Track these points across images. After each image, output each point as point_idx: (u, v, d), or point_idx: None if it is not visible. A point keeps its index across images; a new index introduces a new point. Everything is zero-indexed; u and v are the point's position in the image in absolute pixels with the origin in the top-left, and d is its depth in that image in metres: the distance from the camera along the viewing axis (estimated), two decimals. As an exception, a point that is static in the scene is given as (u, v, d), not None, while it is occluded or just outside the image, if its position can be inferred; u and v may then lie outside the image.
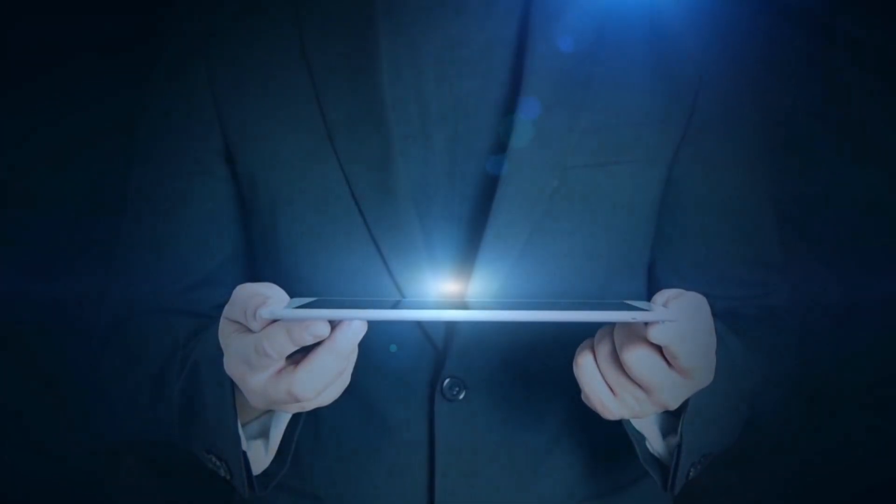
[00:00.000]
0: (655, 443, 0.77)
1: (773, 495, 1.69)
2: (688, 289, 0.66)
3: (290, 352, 0.61)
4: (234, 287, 0.65)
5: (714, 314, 0.66)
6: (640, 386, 0.65)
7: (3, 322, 1.43)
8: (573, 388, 0.68)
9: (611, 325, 0.66)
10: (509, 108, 0.80)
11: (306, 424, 0.77)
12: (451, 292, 0.79)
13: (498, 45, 0.81)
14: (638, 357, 0.63)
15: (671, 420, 0.77)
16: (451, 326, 0.80)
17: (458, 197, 0.81)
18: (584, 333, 0.68)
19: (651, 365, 0.63)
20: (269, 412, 0.75)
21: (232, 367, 0.64)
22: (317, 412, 0.69)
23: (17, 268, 1.46)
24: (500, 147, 0.80)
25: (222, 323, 0.65)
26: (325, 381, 0.63)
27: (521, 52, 0.81)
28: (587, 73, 0.81)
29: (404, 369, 0.82)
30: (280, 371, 0.63)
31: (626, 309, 0.60)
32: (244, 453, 0.72)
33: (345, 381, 0.66)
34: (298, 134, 0.81)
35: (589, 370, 0.66)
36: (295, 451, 0.75)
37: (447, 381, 0.81)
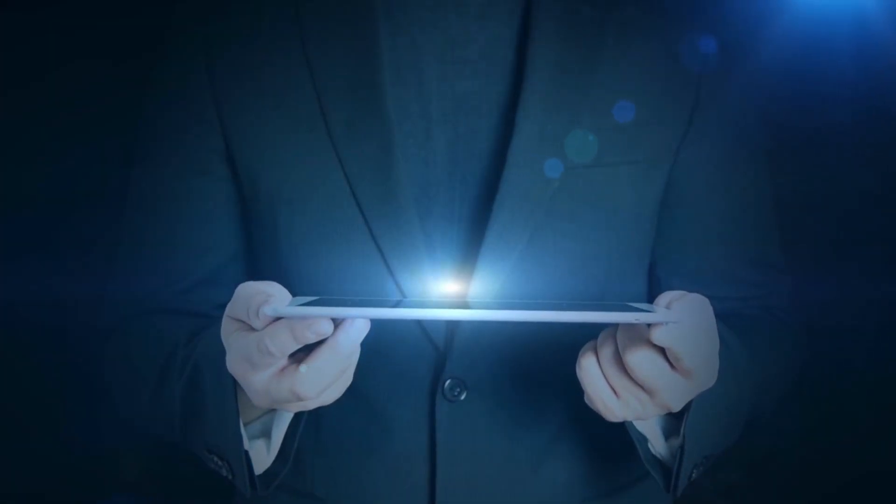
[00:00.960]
0: (657, 444, 0.77)
1: (773, 495, 1.69)
2: (689, 289, 0.66)
3: (293, 350, 0.61)
4: (234, 287, 0.65)
5: (716, 315, 0.66)
6: (642, 388, 0.65)
7: (3, 322, 1.43)
8: (574, 389, 0.68)
9: (614, 327, 0.66)
10: (510, 108, 0.80)
11: (307, 424, 0.77)
12: (452, 292, 0.79)
13: (499, 44, 0.81)
14: (641, 359, 0.63)
15: (673, 421, 0.77)
16: (452, 327, 0.80)
17: (459, 197, 0.81)
18: (585, 335, 0.68)
19: (654, 367, 0.63)
20: (271, 412, 0.75)
21: (234, 365, 0.64)
22: (318, 412, 0.69)
23: (17, 268, 1.46)
24: (502, 147, 0.80)
25: (225, 321, 0.65)
26: (327, 380, 0.63)
27: (522, 52, 0.81)
28: (588, 74, 0.81)
29: (405, 370, 0.82)
30: (282, 369, 0.63)
31: (628, 310, 0.60)
32: (246, 453, 0.72)
33: (347, 380, 0.66)
34: (299, 134, 0.81)
35: (592, 372, 0.66)
36: (296, 451, 0.75)
37: (448, 381, 0.81)
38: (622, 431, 0.75)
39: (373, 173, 0.79)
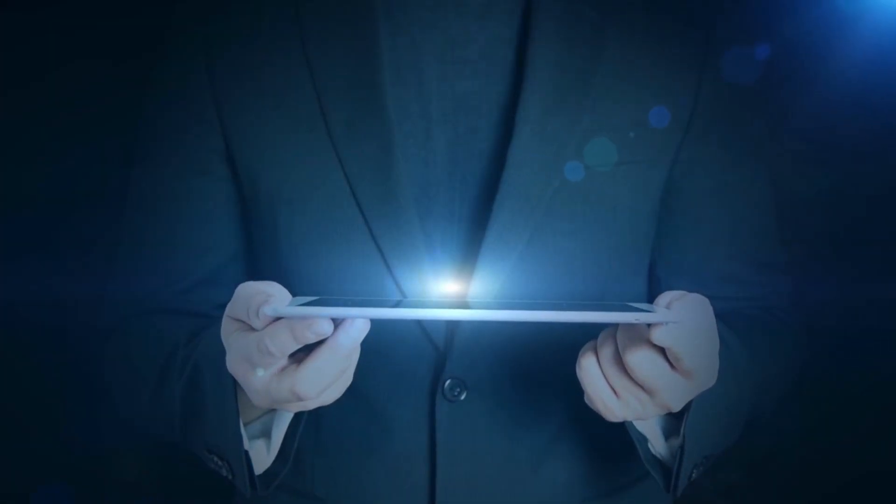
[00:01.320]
0: (657, 444, 0.77)
1: (773, 495, 1.69)
2: (689, 289, 0.66)
3: (293, 350, 0.61)
4: (234, 287, 0.65)
5: (716, 315, 0.66)
6: (642, 388, 0.65)
7: (3, 322, 1.43)
8: (574, 389, 0.69)
9: (614, 328, 0.66)
10: (510, 108, 0.80)
11: (307, 425, 0.77)
12: (452, 292, 0.79)
13: (499, 44, 0.81)
14: (641, 359, 0.63)
15: (673, 421, 0.77)
16: (452, 327, 0.80)
17: (458, 197, 0.81)
18: (585, 335, 0.68)
19: (654, 367, 0.64)
20: (271, 412, 0.75)
21: (234, 365, 0.65)
22: (318, 412, 0.69)
23: (17, 268, 1.46)
24: (502, 147, 0.80)
25: (225, 321, 0.65)
26: (327, 380, 0.63)
27: (523, 52, 0.81)
28: (588, 74, 0.81)
29: (405, 370, 0.82)
30: (282, 369, 0.63)
31: (628, 310, 0.60)
32: (246, 453, 0.72)
33: (346, 380, 0.66)
34: (299, 134, 0.81)
35: (592, 372, 0.66)
36: (296, 451, 0.75)
37: (448, 381, 0.81)
38: (622, 431, 0.75)
39: (373, 173, 0.79)
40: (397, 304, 0.62)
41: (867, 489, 1.57)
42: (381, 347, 0.78)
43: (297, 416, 0.74)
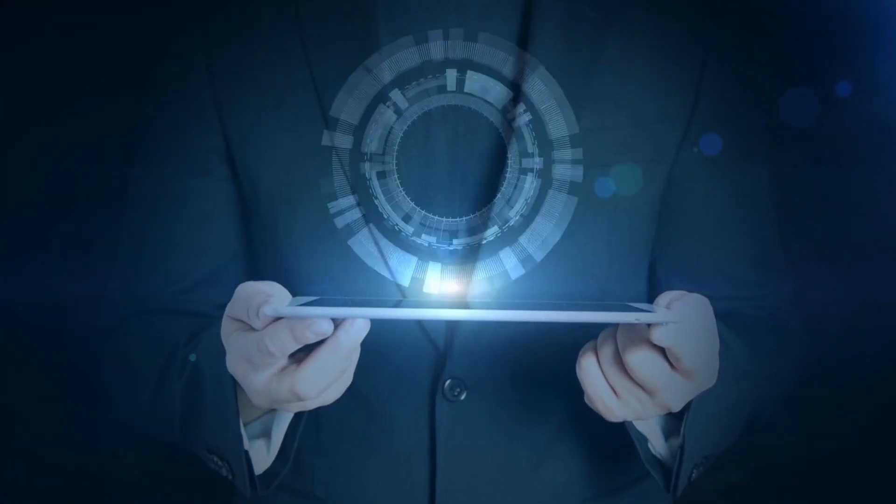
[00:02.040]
0: (657, 444, 0.77)
1: (773, 495, 1.69)
2: (689, 289, 0.66)
3: (293, 350, 0.61)
4: (234, 287, 0.65)
5: (716, 315, 0.66)
6: (642, 388, 0.65)
7: (3, 322, 1.43)
8: (574, 389, 0.69)
9: (614, 328, 0.66)
10: (511, 109, 0.80)
11: (307, 424, 0.77)
12: (452, 292, 0.79)
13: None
14: (641, 359, 0.63)
15: (673, 422, 0.77)
16: (452, 327, 0.80)
17: (459, 197, 0.81)
18: (585, 335, 0.68)
19: (654, 367, 0.64)
20: (271, 412, 0.75)
21: (234, 365, 0.65)
22: (318, 412, 0.69)
23: (17, 268, 1.46)
24: (501, 147, 0.80)
25: (224, 321, 0.65)
26: (327, 380, 0.63)
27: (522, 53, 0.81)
28: (588, 74, 0.81)
29: (405, 370, 0.82)
30: (282, 369, 0.63)
31: (628, 310, 0.60)
32: (246, 453, 0.72)
33: (347, 380, 0.66)
34: (299, 134, 0.81)
35: (592, 372, 0.66)
36: (296, 451, 0.75)
37: (448, 381, 0.81)
38: (622, 431, 0.75)
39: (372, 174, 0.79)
40: (397, 304, 0.62)
41: (867, 489, 1.58)
42: (381, 347, 0.78)
43: (297, 416, 0.74)
